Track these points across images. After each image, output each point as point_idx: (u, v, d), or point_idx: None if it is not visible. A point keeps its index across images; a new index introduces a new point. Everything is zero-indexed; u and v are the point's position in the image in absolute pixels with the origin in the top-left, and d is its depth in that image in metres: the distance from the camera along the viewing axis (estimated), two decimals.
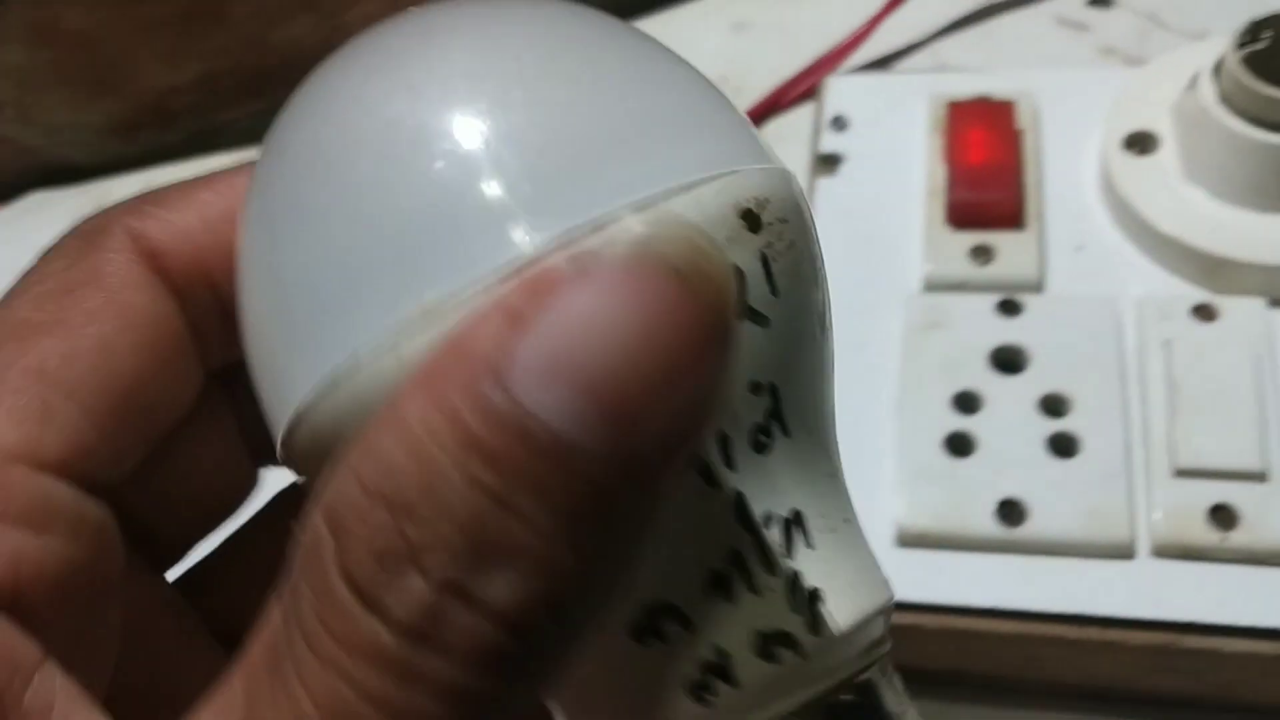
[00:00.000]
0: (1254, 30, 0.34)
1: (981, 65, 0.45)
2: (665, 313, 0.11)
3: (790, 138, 0.42)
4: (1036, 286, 0.35)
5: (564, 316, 0.11)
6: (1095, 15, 0.46)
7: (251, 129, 0.48)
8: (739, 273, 0.13)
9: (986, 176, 0.35)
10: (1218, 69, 0.33)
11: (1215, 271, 0.33)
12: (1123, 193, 0.35)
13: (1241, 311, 0.33)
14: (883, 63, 0.46)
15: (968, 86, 0.39)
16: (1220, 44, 0.34)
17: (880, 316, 0.35)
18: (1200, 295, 0.34)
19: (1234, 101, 0.32)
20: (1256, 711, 0.31)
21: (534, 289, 0.11)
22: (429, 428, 0.11)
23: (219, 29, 0.47)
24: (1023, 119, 0.37)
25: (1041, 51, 0.45)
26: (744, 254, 0.13)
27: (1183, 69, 0.35)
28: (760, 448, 0.14)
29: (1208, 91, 0.33)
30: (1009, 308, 0.34)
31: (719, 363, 0.12)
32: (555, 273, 0.11)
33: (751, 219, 0.13)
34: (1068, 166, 0.37)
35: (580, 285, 0.11)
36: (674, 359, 0.11)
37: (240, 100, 0.50)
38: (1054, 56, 0.44)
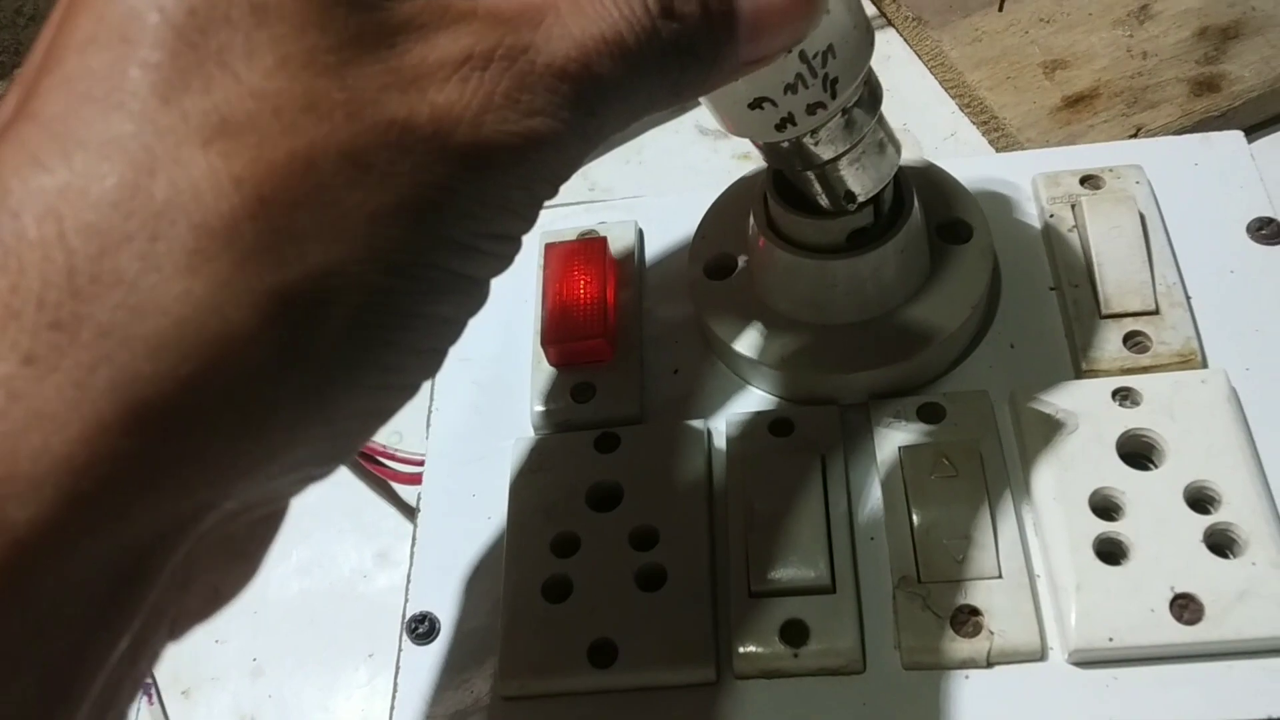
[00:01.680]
0: None
1: (631, 183, 0.46)
2: None
3: None
4: (637, 418, 0.36)
5: None
6: None
7: None
8: None
9: (574, 318, 0.36)
10: (764, 195, 0.35)
11: (792, 385, 0.35)
12: (706, 316, 0.36)
13: (814, 421, 0.34)
14: None
15: (574, 221, 0.40)
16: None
17: (498, 463, 0.36)
18: (783, 408, 0.35)
19: (775, 227, 0.34)
20: None
21: None
22: None
23: None
24: (623, 249, 0.39)
25: (686, 163, 0.47)
26: None
27: (745, 192, 0.36)
28: None
29: (758, 215, 0.35)
30: (605, 443, 0.35)
31: None
32: None
33: None
34: (666, 293, 0.38)
35: None
36: None
37: None
38: (696, 167, 0.46)
